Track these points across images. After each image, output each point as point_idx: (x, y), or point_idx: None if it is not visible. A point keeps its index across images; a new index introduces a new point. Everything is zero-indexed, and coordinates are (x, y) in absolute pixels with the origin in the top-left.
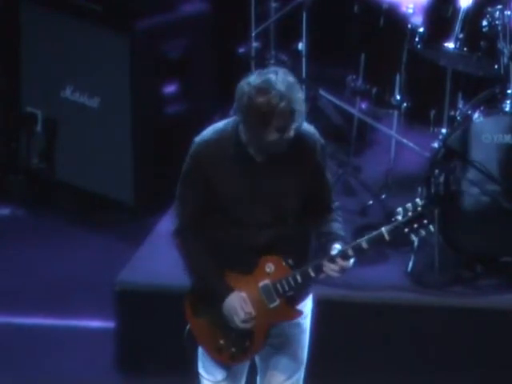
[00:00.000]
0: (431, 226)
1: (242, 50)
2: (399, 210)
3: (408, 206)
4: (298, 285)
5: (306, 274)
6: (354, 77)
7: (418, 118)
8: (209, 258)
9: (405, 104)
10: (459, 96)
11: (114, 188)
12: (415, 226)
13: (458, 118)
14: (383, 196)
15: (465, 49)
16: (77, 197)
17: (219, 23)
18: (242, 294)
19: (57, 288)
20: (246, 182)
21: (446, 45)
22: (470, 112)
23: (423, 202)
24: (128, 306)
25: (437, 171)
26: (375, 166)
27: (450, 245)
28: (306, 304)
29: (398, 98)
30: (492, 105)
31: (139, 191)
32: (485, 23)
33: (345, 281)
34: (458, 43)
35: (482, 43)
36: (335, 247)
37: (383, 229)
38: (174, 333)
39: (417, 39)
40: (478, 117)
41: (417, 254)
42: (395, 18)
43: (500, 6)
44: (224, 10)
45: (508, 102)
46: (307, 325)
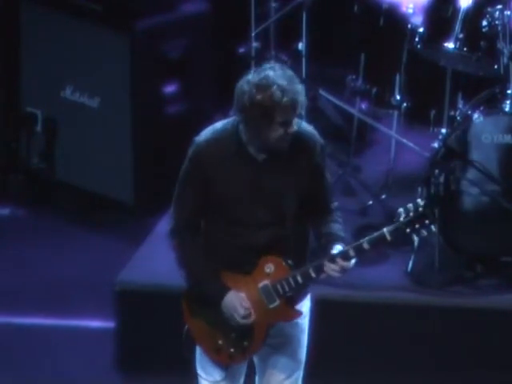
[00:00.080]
0: (433, 226)
1: (242, 49)
2: (400, 210)
3: (409, 206)
4: (298, 285)
5: (306, 275)
6: (354, 77)
7: (418, 117)
8: (205, 259)
9: (405, 104)
10: (459, 96)
11: (114, 188)
12: (417, 226)
13: (458, 118)
14: (383, 196)
15: (465, 49)
16: (77, 197)
17: (219, 23)
18: (241, 294)
19: (57, 288)
20: (247, 182)
21: (446, 45)
22: (469, 112)
23: (424, 202)
24: (128, 305)
25: (437, 171)
26: (375, 166)
27: (450, 245)
28: (305, 304)
29: (398, 98)
30: (492, 105)
31: (139, 191)
32: (485, 23)
33: (345, 281)
34: (458, 43)
35: (482, 43)
36: (336, 248)
37: (385, 229)
38: (174, 333)
39: (417, 39)
40: (477, 117)
41: (417, 253)
42: (395, 18)
43: (500, 6)
44: (224, 10)
45: (508, 102)
46: (306, 324)
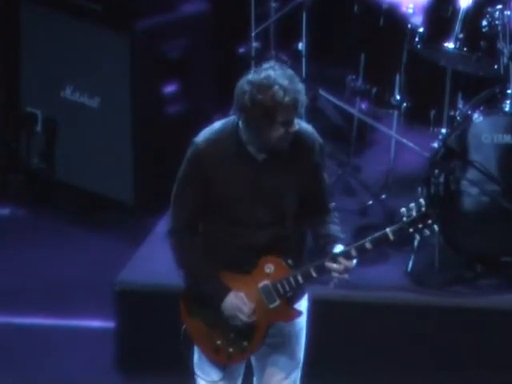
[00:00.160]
0: (435, 226)
1: (242, 49)
2: (403, 210)
3: (411, 206)
4: (298, 285)
5: (307, 274)
6: (354, 77)
7: (418, 117)
8: (205, 259)
9: (405, 104)
10: (459, 96)
11: (114, 188)
12: (420, 226)
13: (458, 118)
14: (383, 196)
15: (465, 49)
16: (77, 197)
17: (219, 23)
18: (240, 293)
19: (57, 288)
20: (247, 182)
21: (446, 45)
22: (469, 112)
23: (427, 202)
24: (128, 305)
25: (437, 171)
26: (375, 166)
27: (450, 245)
28: (302, 303)
29: (398, 98)
30: (492, 105)
31: (139, 191)
32: (485, 23)
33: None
34: (458, 43)
35: (482, 43)
36: (338, 247)
37: (388, 229)
38: (174, 333)
39: (417, 39)
40: (477, 117)
41: (417, 253)
42: (395, 18)
43: (500, 6)
44: (224, 10)
45: (508, 102)
46: (304, 323)
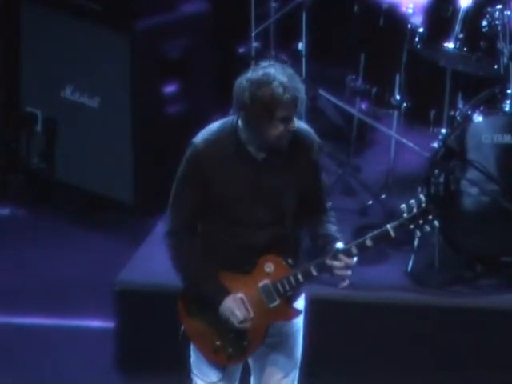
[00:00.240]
0: (436, 222)
1: (242, 49)
2: (403, 206)
3: (412, 202)
4: (299, 284)
5: (307, 273)
6: (354, 77)
7: (418, 117)
8: (204, 259)
9: (405, 104)
10: (459, 96)
11: (114, 188)
12: (420, 221)
13: (458, 118)
14: (383, 196)
15: (465, 49)
16: (77, 197)
17: (219, 23)
18: (240, 295)
19: (57, 288)
20: (246, 182)
21: (446, 45)
22: (469, 112)
23: (427, 198)
24: (128, 305)
25: (436, 171)
26: (375, 166)
27: (450, 245)
28: (299, 302)
29: (398, 98)
30: (492, 105)
31: (139, 191)
32: (485, 23)
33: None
34: (458, 43)
35: (482, 43)
36: (338, 245)
37: (388, 226)
38: (174, 333)
39: (417, 39)
40: (477, 117)
41: (417, 253)
42: (395, 18)
43: (500, 6)
44: (224, 10)
45: (508, 102)
46: (301, 323)
